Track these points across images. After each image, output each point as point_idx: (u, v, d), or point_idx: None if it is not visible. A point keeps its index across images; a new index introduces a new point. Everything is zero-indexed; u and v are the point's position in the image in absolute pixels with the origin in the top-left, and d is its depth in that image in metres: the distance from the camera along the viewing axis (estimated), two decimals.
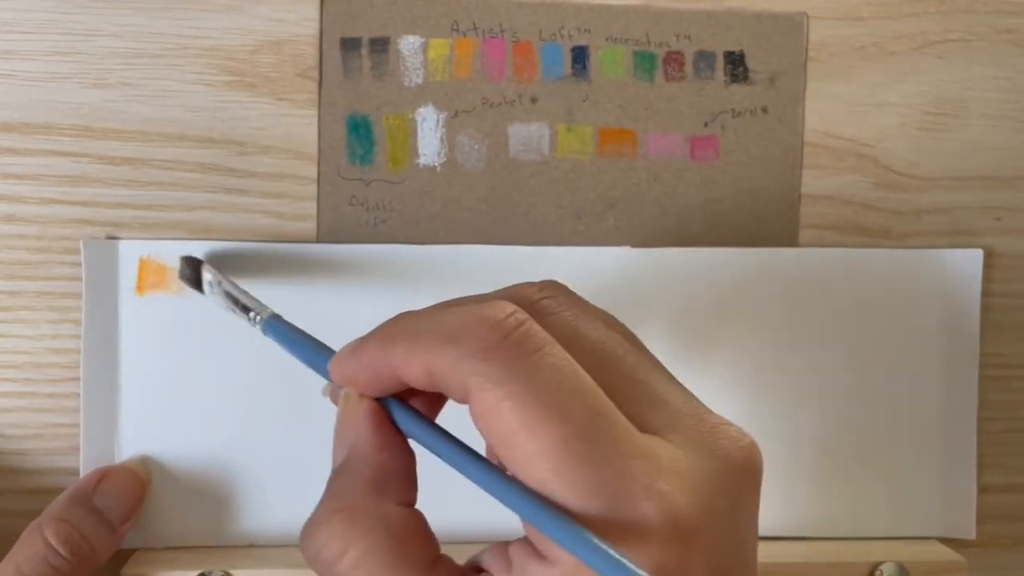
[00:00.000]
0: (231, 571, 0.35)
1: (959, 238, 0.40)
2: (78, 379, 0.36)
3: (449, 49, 0.38)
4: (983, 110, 0.40)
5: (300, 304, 0.37)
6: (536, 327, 0.23)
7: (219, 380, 0.37)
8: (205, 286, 0.34)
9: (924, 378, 0.39)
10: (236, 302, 0.33)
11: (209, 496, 0.37)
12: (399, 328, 0.25)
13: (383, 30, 0.37)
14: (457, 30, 0.38)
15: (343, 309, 0.37)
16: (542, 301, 0.25)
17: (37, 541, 0.32)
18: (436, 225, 0.38)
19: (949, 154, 0.40)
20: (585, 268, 0.38)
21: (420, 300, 0.37)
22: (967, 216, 0.40)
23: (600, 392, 0.23)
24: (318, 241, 0.37)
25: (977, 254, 0.39)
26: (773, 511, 0.39)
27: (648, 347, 0.27)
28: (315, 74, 0.37)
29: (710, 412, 0.25)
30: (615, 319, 0.27)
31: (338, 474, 0.25)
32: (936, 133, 0.40)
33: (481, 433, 0.23)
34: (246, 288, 0.34)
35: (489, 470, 0.23)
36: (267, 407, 0.37)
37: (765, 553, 0.37)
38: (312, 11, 0.37)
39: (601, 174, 0.38)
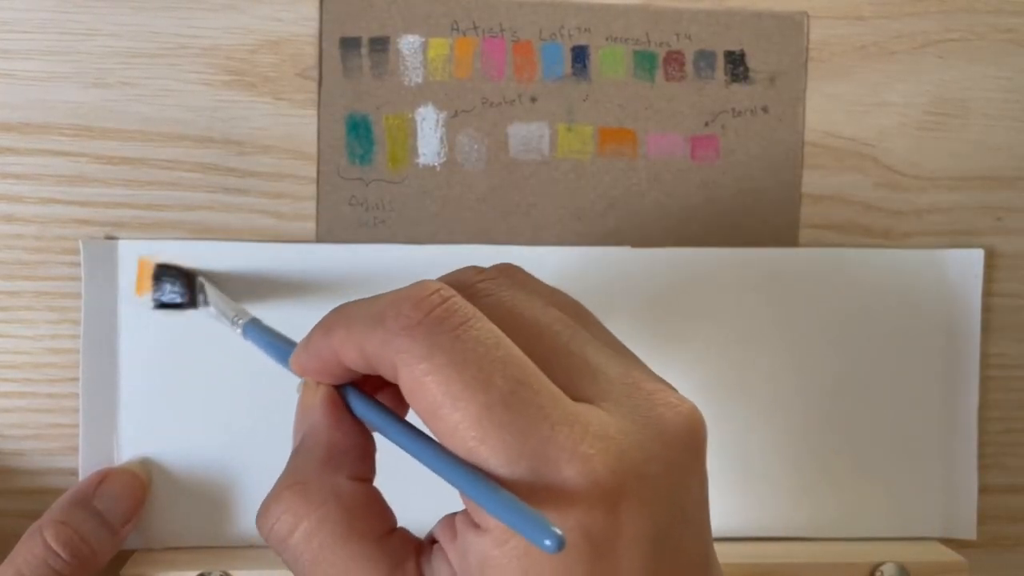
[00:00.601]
0: (230, 571, 0.35)
1: (960, 238, 0.40)
2: (77, 379, 0.36)
3: (449, 48, 0.38)
4: (984, 110, 0.40)
5: (300, 304, 0.37)
6: (461, 303, 0.23)
7: (218, 381, 0.36)
8: (200, 297, 0.35)
9: (924, 378, 0.39)
10: (220, 308, 0.34)
11: (208, 496, 0.37)
12: (338, 316, 0.25)
13: (383, 29, 0.37)
14: (457, 29, 0.38)
15: None
16: (479, 284, 0.26)
17: (37, 543, 0.32)
18: (436, 225, 0.38)
19: (950, 154, 0.40)
20: (585, 268, 0.38)
21: None
22: (968, 216, 0.40)
23: (527, 362, 0.23)
24: (317, 241, 0.37)
25: (978, 254, 0.39)
26: (774, 511, 0.39)
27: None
28: (315, 74, 0.37)
29: (652, 380, 0.25)
30: (566, 297, 0.28)
31: (293, 454, 0.26)
32: (937, 133, 0.40)
33: (413, 409, 0.23)
34: (246, 289, 0.34)
35: (424, 443, 0.24)
36: (266, 408, 0.37)
37: (766, 554, 0.38)
38: (311, 10, 0.37)
39: (601, 174, 0.38)
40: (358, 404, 0.26)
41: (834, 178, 0.39)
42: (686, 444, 0.24)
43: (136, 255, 0.36)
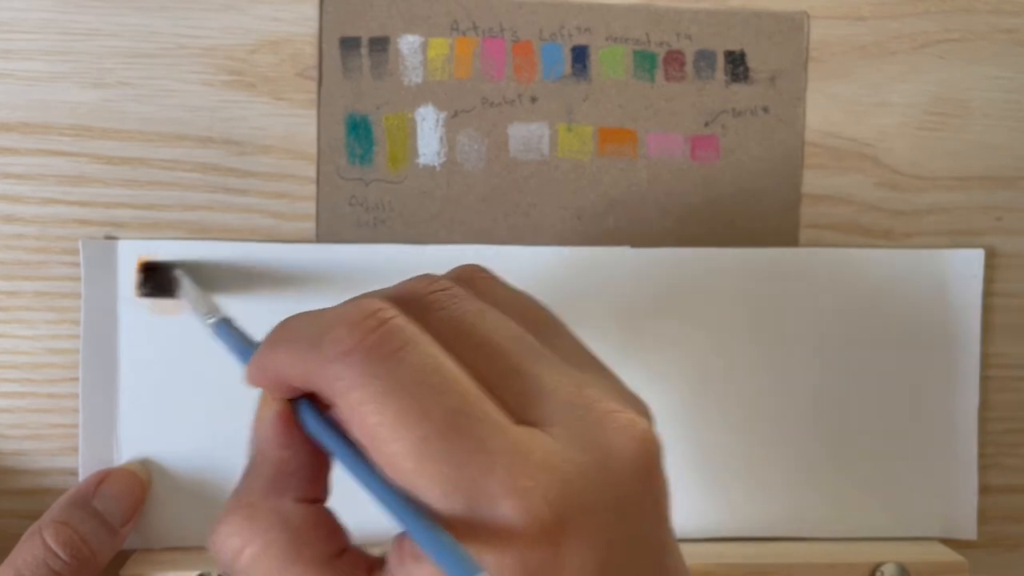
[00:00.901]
0: None
1: (960, 238, 0.40)
2: (77, 379, 0.36)
3: (449, 48, 0.38)
4: (984, 110, 0.40)
5: (300, 304, 0.36)
6: (400, 324, 0.23)
7: (218, 380, 0.36)
8: (175, 288, 0.35)
9: (924, 378, 0.39)
10: (192, 303, 0.33)
11: (208, 497, 0.37)
12: (283, 332, 0.24)
13: (382, 29, 0.37)
14: (457, 29, 0.38)
15: None
16: (430, 296, 0.25)
17: (37, 544, 0.32)
18: (436, 225, 0.38)
19: (950, 154, 0.40)
20: (585, 268, 0.38)
21: None
22: (968, 216, 0.40)
23: (469, 388, 0.22)
24: (317, 241, 0.37)
25: (978, 254, 0.39)
26: (774, 511, 0.39)
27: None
28: (314, 74, 0.37)
29: (608, 398, 0.24)
30: (529, 302, 0.27)
31: (244, 473, 0.25)
32: (937, 133, 0.40)
33: (353, 435, 0.23)
34: (246, 288, 0.34)
35: (366, 470, 0.23)
36: None
37: (766, 553, 0.38)
38: (311, 10, 0.37)
39: (601, 174, 0.38)
40: (310, 421, 0.25)
41: (834, 178, 0.39)
42: (635, 469, 0.23)
43: (136, 255, 0.36)
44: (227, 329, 0.31)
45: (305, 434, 0.25)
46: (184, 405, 0.36)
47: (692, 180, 0.39)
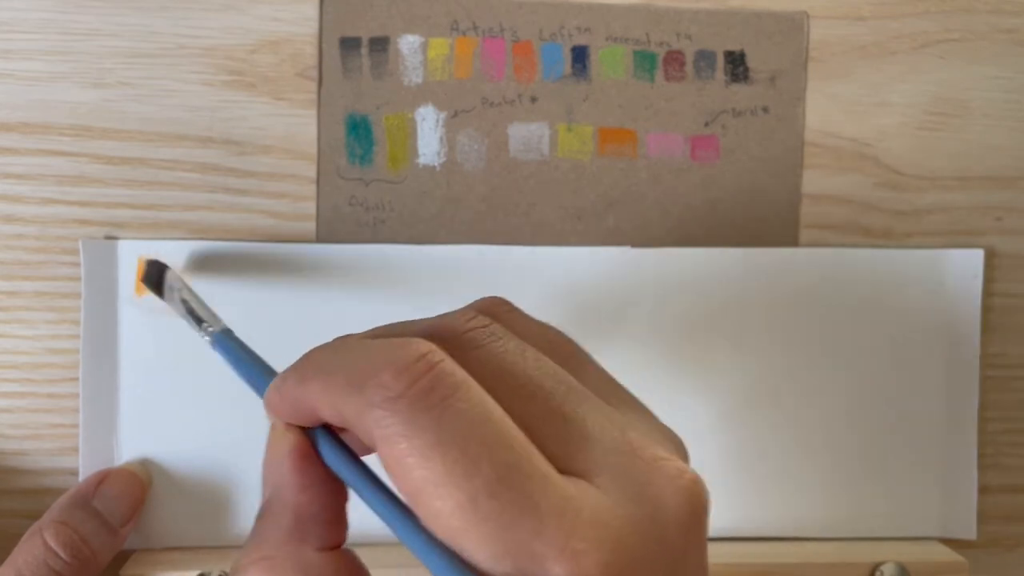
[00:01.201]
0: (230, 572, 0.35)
1: (960, 238, 0.40)
2: (77, 379, 0.36)
3: (449, 48, 0.38)
4: (984, 110, 0.40)
5: (299, 304, 0.37)
6: (449, 369, 0.22)
7: (218, 380, 0.36)
8: (166, 291, 0.34)
9: (924, 378, 0.39)
10: (191, 312, 0.32)
11: (208, 497, 0.37)
12: (314, 367, 0.24)
13: (383, 29, 0.37)
14: (457, 29, 0.38)
15: (342, 309, 0.37)
16: (468, 333, 0.24)
17: (37, 544, 0.32)
18: (436, 225, 0.38)
19: (950, 154, 0.40)
20: (585, 268, 0.38)
21: (419, 300, 0.37)
22: (968, 216, 0.40)
23: (517, 438, 0.22)
24: (317, 241, 0.37)
25: (978, 254, 0.39)
26: (774, 511, 0.39)
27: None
28: (314, 74, 0.37)
29: (651, 443, 0.23)
30: (558, 336, 0.26)
31: (260, 517, 0.24)
32: (937, 133, 0.40)
33: (394, 485, 0.22)
34: (246, 289, 0.34)
35: (403, 517, 0.22)
36: None
37: (766, 554, 0.38)
38: (311, 10, 0.37)
39: (601, 174, 0.38)
40: (331, 455, 0.24)
41: (834, 178, 0.39)
42: (684, 522, 0.23)
43: (136, 255, 0.36)
44: (226, 341, 0.30)
45: (323, 469, 0.24)
46: (184, 405, 0.36)
47: (692, 180, 0.39)
